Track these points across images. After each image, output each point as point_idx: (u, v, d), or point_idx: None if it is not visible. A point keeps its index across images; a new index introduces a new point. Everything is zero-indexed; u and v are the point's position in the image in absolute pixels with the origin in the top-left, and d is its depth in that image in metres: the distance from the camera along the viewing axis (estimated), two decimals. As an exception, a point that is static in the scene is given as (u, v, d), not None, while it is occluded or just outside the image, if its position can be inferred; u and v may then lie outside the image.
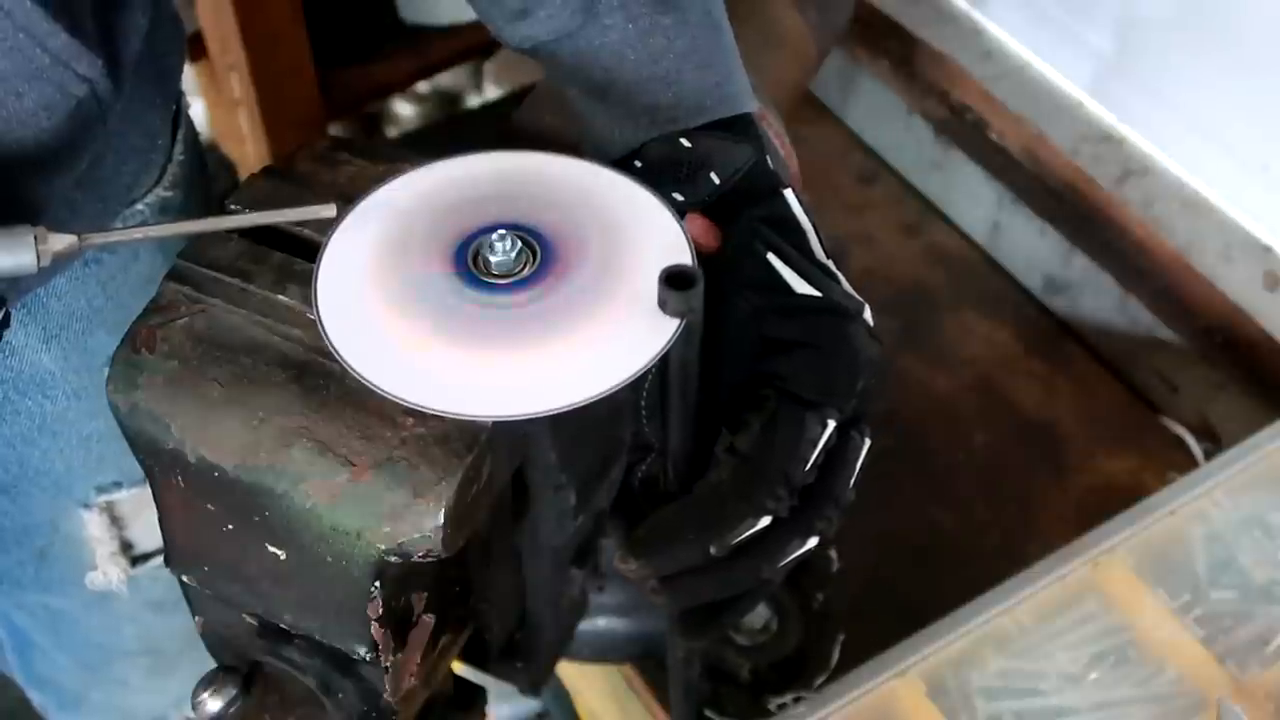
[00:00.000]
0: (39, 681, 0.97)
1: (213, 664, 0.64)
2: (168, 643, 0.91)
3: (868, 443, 0.59)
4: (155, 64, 0.71)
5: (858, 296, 0.61)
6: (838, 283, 0.60)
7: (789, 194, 0.61)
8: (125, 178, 0.73)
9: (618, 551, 0.61)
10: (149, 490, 0.59)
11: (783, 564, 0.59)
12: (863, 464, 0.59)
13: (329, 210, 0.54)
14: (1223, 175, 1.11)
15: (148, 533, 0.84)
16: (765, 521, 0.57)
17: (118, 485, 0.82)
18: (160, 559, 0.61)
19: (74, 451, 0.79)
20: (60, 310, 0.74)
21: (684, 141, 0.61)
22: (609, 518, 0.69)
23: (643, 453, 0.65)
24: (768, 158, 0.62)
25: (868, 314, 0.60)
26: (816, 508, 0.58)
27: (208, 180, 0.86)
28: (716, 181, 0.60)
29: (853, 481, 0.59)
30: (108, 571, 0.85)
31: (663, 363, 0.53)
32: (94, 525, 0.83)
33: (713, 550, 0.58)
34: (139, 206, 0.76)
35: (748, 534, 0.57)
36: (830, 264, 0.61)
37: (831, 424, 0.57)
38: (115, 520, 0.83)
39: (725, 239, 0.59)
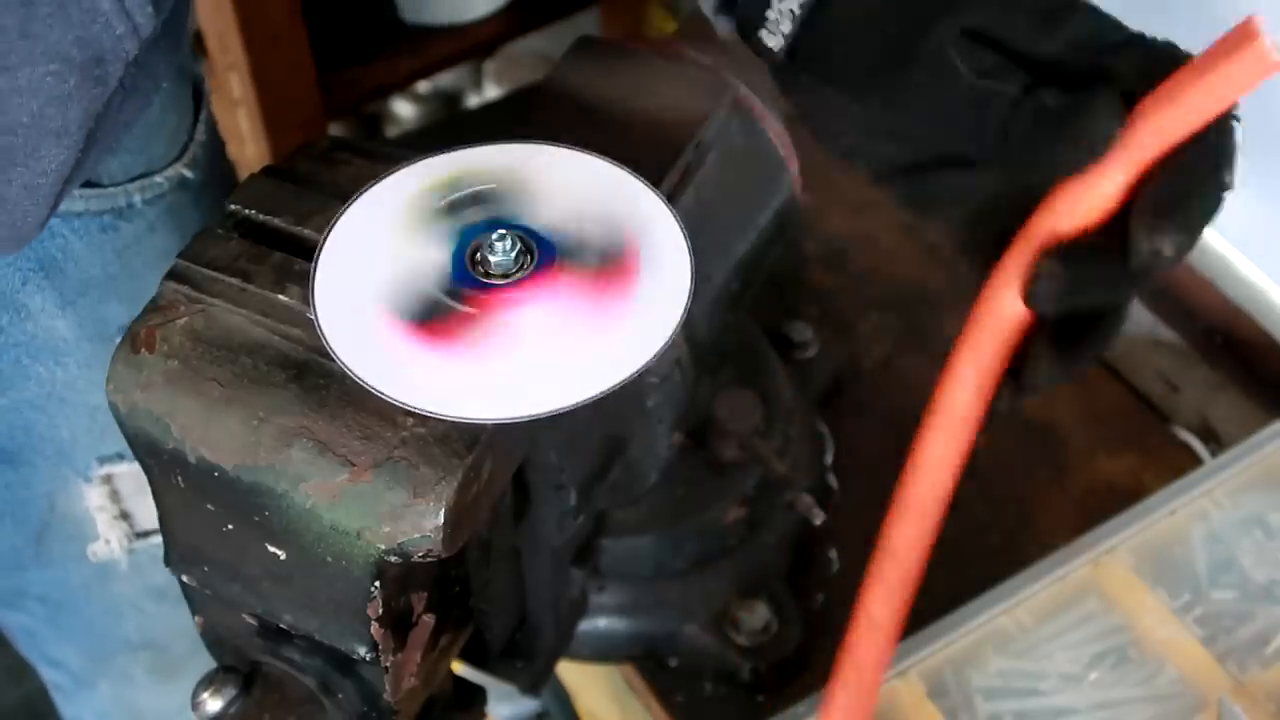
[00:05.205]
0: (50, 661, 0.97)
1: (216, 668, 0.64)
2: (170, 640, 0.91)
3: None
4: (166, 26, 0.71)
5: None
6: None
7: None
8: (143, 143, 0.73)
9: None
10: (149, 469, 0.59)
11: None
12: None
13: None
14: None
15: (147, 511, 0.83)
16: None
17: (120, 457, 0.82)
18: (160, 537, 0.61)
19: (80, 421, 0.79)
20: (77, 276, 0.74)
21: None
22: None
23: None
24: None
25: None
26: None
27: (229, 167, 0.85)
28: None
29: None
30: (110, 539, 0.84)
31: None
32: (94, 496, 0.83)
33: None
34: (158, 179, 0.76)
35: None
36: None
37: None
38: (114, 495, 0.83)
39: None
